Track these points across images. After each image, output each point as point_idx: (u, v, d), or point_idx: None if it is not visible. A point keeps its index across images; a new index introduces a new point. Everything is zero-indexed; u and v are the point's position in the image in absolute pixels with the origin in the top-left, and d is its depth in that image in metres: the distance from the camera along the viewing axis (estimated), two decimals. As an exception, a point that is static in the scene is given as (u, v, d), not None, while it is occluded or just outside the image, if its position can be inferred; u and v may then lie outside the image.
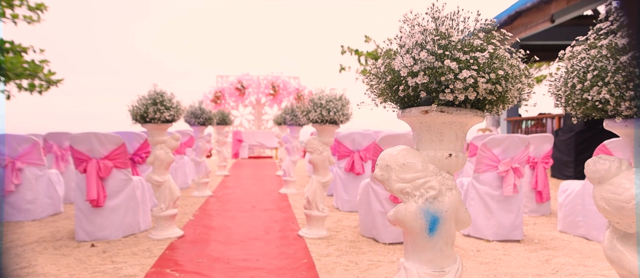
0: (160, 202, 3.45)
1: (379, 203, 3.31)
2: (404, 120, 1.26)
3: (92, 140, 3.36)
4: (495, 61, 1.06)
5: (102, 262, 2.82)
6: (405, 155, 1.18)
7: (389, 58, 1.18)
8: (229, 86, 12.33)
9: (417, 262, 1.18)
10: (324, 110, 3.33)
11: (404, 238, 1.25)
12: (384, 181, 1.20)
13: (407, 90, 1.13)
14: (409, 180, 1.16)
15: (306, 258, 2.90)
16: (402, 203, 1.20)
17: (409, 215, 1.16)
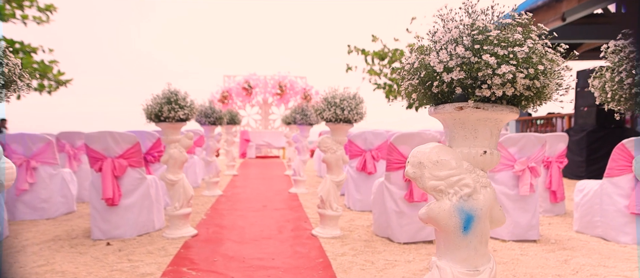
0: (174, 200, 3.45)
1: (393, 203, 3.29)
2: (436, 117, 1.24)
3: (107, 139, 3.37)
4: (533, 56, 1.04)
5: (119, 260, 2.83)
6: (439, 152, 1.16)
7: (423, 54, 1.16)
8: (236, 86, 12.36)
9: (451, 261, 1.17)
10: (338, 109, 3.32)
11: (436, 236, 1.24)
12: (416, 178, 1.19)
13: (441, 86, 1.12)
14: (443, 178, 1.14)
15: (322, 258, 2.89)
16: (435, 201, 1.18)
17: (443, 213, 1.14)
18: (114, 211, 3.38)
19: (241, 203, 4.95)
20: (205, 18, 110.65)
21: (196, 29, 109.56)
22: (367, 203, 4.51)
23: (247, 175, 7.81)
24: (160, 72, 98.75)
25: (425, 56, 1.15)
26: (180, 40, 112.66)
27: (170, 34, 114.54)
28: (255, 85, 12.38)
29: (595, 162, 6.76)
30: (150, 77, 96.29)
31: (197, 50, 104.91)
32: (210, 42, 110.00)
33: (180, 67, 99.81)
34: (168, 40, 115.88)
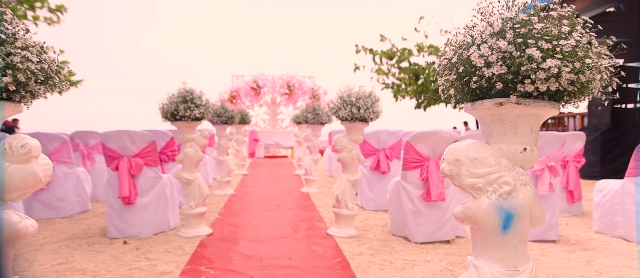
0: (190, 199, 3.45)
1: (410, 202, 3.26)
2: (472, 114, 1.21)
3: (124, 138, 3.38)
4: (579, 49, 1.01)
5: (137, 259, 2.83)
6: (477, 149, 1.14)
7: (461, 48, 1.14)
8: (245, 86, 12.38)
9: (489, 261, 1.14)
10: (354, 107, 3.29)
11: (473, 235, 1.21)
12: (452, 176, 1.16)
13: (479, 82, 1.09)
14: (482, 175, 1.12)
15: (339, 257, 2.87)
16: (473, 199, 1.16)
17: (481, 212, 1.12)
18: (130, 210, 3.39)
19: (253, 203, 4.94)
20: (212, 18, 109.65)
21: (202, 30, 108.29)
22: (381, 203, 4.49)
23: (257, 175, 7.82)
24: (164, 72, 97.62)
25: (464, 51, 1.12)
26: (186, 41, 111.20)
27: (176, 34, 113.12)
28: (263, 85, 12.39)
29: (610, 162, 6.67)
30: (154, 78, 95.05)
31: (203, 51, 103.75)
32: (217, 42, 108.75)
33: (186, 68, 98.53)
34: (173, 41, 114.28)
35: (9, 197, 1.06)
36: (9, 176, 1.02)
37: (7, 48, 0.99)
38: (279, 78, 12.53)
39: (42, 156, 1.10)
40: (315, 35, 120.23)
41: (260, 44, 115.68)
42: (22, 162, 1.04)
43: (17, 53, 1.00)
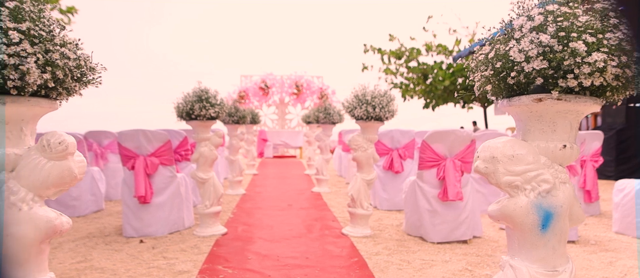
0: (205, 199, 3.46)
1: (426, 202, 3.23)
2: (508, 110, 1.19)
3: (140, 137, 3.40)
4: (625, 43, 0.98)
5: (154, 257, 2.84)
6: (514, 147, 1.12)
7: (499, 43, 1.11)
8: (253, 86, 12.41)
9: (526, 260, 1.12)
10: (369, 106, 3.27)
11: (508, 234, 1.19)
12: (488, 174, 1.14)
13: (518, 77, 1.07)
14: (519, 173, 1.09)
15: (356, 257, 2.85)
16: (509, 197, 1.14)
17: (519, 210, 1.09)
18: (146, 209, 3.40)
19: (266, 202, 4.94)
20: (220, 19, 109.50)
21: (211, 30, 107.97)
22: (394, 203, 4.46)
23: (267, 175, 7.82)
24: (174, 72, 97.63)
25: (502, 46, 1.10)
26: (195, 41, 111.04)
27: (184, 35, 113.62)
28: (272, 85, 12.41)
29: (625, 162, 6.57)
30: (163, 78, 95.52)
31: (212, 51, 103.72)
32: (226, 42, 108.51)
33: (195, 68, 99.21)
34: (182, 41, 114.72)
35: (46, 194, 1.06)
36: (47, 173, 1.02)
37: (46, 45, 0.99)
38: (288, 78, 12.54)
39: (77, 153, 1.10)
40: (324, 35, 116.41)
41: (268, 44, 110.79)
42: (59, 158, 1.04)
43: (55, 50, 1.00)
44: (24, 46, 0.93)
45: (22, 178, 1.02)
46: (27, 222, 1.01)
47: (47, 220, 1.04)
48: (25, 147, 1.06)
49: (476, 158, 1.19)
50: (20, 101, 1.01)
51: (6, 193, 1.01)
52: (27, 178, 1.02)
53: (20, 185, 1.01)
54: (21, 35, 0.94)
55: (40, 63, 0.97)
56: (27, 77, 0.95)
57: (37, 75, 0.97)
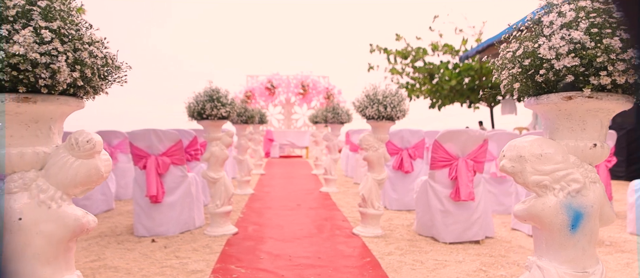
0: (216, 198, 3.46)
1: (438, 202, 3.21)
2: (535, 109, 1.17)
3: (151, 136, 3.41)
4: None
5: (167, 257, 2.85)
6: (542, 145, 1.10)
7: (528, 40, 1.10)
8: (259, 86, 12.43)
9: (555, 261, 1.10)
10: (381, 106, 3.26)
11: (535, 234, 1.17)
12: (514, 173, 1.13)
13: (547, 75, 1.05)
14: (548, 172, 1.08)
15: (368, 257, 2.84)
16: (536, 197, 1.12)
17: (548, 210, 1.08)
18: (157, 208, 3.41)
19: (274, 202, 4.94)
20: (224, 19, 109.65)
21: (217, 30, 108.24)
22: (404, 203, 4.44)
23: (274, 175, 7.82)
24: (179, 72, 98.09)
25: (530, 43, 1.08)
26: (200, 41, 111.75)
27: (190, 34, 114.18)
28: (278, 85, 12.42)
29: (636, 162, 6.49)
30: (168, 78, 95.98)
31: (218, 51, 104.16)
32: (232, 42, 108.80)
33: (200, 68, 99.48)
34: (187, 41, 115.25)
35: (74, 192, 1.06)
36: (75, 171, 1.02)
37: (75, 43, 0.99)
38: (294, 78, 12.55)
39: (103, 152, 1.10)
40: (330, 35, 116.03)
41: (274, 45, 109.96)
42: (87, 157, 1.04)
43: (84, 48, 1.00)
44: (55, 45, 0.94)
45: (51, 176, 1.02)
46: (56, 220, 1.01)
47: (75, 218, 1.04)
48: (53, 146, 1.06)
49: (502, 157, 1.17)
50: (50, 100, 1.01)
51: (36, 191, 1.01)
52: (55, 176, 1.02)
53: (49, 184, 1.02)
54: (52, 34, 0.94)
55: (69, 61, 0.97)
56: (58, 76, 0.95)
57: (67, 73, 0.97)
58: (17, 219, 0.98)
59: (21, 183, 1.00)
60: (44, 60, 0.92)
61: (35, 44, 0.91)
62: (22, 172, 1.02)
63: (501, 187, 4.21)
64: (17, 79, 0.93)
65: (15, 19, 0.92)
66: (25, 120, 1.01)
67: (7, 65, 0.90)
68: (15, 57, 0.89)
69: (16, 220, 0.98)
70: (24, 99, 0.96)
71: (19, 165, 1.01)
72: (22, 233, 0.98)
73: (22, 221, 0.98)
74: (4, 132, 0.98)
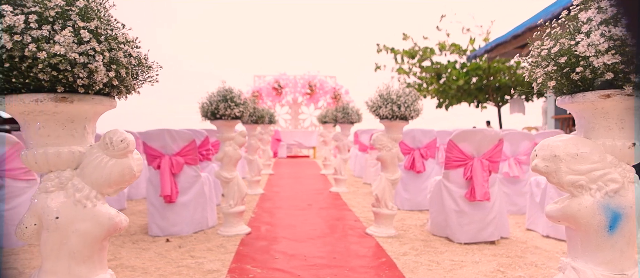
0: (229, 198, 3.46)
1: (452, 202, 3.19)
2: (568, 107, 1.16)
3: (165, 136, 3.42)
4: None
5: (182, 256, 2.85)
6: (578, 144, 1.08)
7: (564, 37, 1.08)
8: (266, 86, 12.44)
9: (591, 263, 1.08)
10: (395, 105, 3.24)
11: (569, 235, 1.16)
12: (548, 173, 1.11)
13: (583, 72, 1.04)
14: (584, 172, 1.06)
15: (384, 257, 2.83)
16: (571, 197, 1.10)
17: (584, 211, 1.06)
18: (171, 208, 3.42)
19: (285, 202, 4.94)
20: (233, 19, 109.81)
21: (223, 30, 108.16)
22: (416, 203, 4.42)
23: (283, 175, 7.83)
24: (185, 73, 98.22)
25: (567, 40, 1.07)
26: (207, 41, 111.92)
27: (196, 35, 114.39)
28: (285, 85, 12.43)
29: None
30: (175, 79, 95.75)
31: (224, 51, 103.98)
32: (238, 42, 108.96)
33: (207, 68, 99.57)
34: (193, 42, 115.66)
35: (107, 192, 1.06)
36: (109, 170, 1.02)
37: (110, 43, 0.99)
38: (301, 78, 12.55)
39: (135, 151, 1.10)
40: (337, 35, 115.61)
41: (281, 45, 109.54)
42: (121, 156, 1.04)
43: (119, 48, 1.00)
44: (92, 45, 0.94)
45: (86, 175, 1.02)
46: (91, 219, 1.01)
47: (110, 217, 1.04)
48: (87, 145, 1.07)
49: (534, 156, 1.16)
50: (85, 99, 1.01)
51: (71, 190, 1.01)
52: (90, 175, 1.02)
53: (84, 183, 1.02)
54: (90, 34, 0.94)
55: (105, 61, 0.98)
56: (95, 76, 0.96)
57: (103, 73, 0.97)
58: (54, 218, 0.98)
59: (57, 182, 1.01)
60: (82, 60, 0.93)
61: (74, 44, 0.92)
62: (59, 171, 1.02)
63: (514, 187, 4.18)
64: (56, 79, 0.94)
65: (55, 20, 0.93)
66: (61, 120, 1.01)
67: (48, 65, 0.91)
68: (56, 57, 0.89)
69: (53, 218, 0.98)
70: (62, 99, 0.97)
71: (56, 165, 1.02)
72: (59, 232, 0.99)
73: (59, 220, 0.99)
74: (42, 131, 0.99)
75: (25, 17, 0.88)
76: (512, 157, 4.10)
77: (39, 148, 1.00)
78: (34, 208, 1.01)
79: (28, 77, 0.91)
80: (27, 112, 0.98)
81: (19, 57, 0.88)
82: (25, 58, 0.89)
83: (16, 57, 0.88)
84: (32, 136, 1.02)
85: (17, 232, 1.01)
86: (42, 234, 0.99)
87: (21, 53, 0.88)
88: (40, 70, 0.90)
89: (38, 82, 0.93)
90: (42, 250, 1.00)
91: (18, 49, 0.87)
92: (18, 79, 0.91)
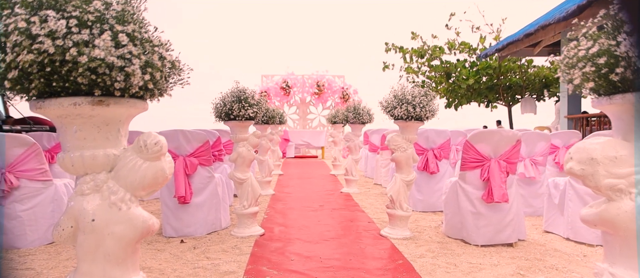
0: (243, 199, 3.46)
1: (469, 203, 3.15)
2: (606, 109, 1.13)
3: (179, 137, 3.43)
4: None
5: (197, 257, 2.86)
6: (616, 147, 1.06)
7: (605, 38, 1.06)
8: (275, 86, 12.46)
9: (630, 269, 1.06)
10: (410, 106, 3.22)
11: (606, 240, 1.13)
12: (585, 176, 1.09)
13: (624, 73, 1.01)
14: (623, 176, 1.04)
15: (401, 259, 2.81)
16: (609, 201, 1.08)
17: (624, 215, 1.03)
18: (185, 209, 3.43)
19: (297, 203, 4.93)
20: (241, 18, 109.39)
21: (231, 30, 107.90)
22: (430, 204, 4.39)
23: (292, 175, 7.83)
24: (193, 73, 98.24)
25: (606, 40, 1.04)
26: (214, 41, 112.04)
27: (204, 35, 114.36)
28: (293, 84, 12.43)
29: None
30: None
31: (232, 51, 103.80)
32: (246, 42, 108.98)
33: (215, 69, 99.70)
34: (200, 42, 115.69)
35: (140, 194, 1.06)
36: (143, 173, 1.02)
37: (145, 46, 0.99)
38: (309, 77, 12.54)
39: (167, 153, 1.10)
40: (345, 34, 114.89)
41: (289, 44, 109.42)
42: (154, 159, 1.04)
43: (154, 51, 1.00)
44: (129, 48, 0.94)
45: (121, 178, 1.02)
46: (126, 222, 1.01)
47: (143, 220, 1.04)
48: (121, 148, 1.07)
49: (568, 159, 1.13)
50: (121, 102, 1.01)
51: (107, 192, 1.01)
52: (125, 178, 1.02)
53: (118, 185, 1.02)
54: (127, 37, 0.94)
55: (141, 64, 0.97)
56: (132, 79, 0.95)
57: (139, 76, 0.97)
58: (90, 220, 0.98)
59: (93, 185, 1.01)
60: (120, 63, 0.92)
61: (112, 48, 0.91)
62: (94, 174, 1.02)
63: (530, 188, 4.13)
64: (94, 82, 0.94)
65: (93, 24, 0.93)
66: (97, 123, 1.01)
67: (87, 69, 0.90)
68: (96, 61, 0.89)
69: (89, 221, 0.98)
70: (98, 102, 0.97)
71: (92, 167, 1.02)
72: (95, 234, 0.99)
73: (95, 222, 0.99)
74: (78, 135, 0.99)
75: (66, 22, 0.88)
76: (528, 158, 4.04)
77: (75, 151, 1.00)
78: (71, 210, 1.01)
79: (68, 81, 0.91)
80: (64, 115, 0.98)
81: (60, 61, 0.88)
82: (65, 62, 0.89)
83: (57, 61, 0.88)
84: (68, 139, 1.02)
85: (54, 234, 1.01)
86: (79, 236, 0.99)
87: (62, 57, 0.88)
88: (80, 74, 0.90)
89: (77, 86, 0.93)
90: (78, 252, 0.99)
91: (59, 53, 0.87)
92: (58, 83, 0.91)
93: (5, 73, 0.86)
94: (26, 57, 0.84)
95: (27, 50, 0.84)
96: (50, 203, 3.23)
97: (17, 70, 0.86)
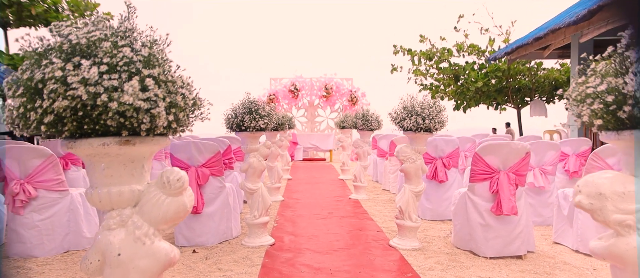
0: (253, 209, 3.51)
1: (478, 215, 3.16)
2: (615, 143, 1.15)
3: (191, 148, 3.49)
4: None
5: (209, 268, 2.91)
6: (625, 183, 1.08)
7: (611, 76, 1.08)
8: (283, 88, 12.52)
9: (639, 300, 1.08)
10: (419, 117, 3.24)
11: (615, 274, 1.15)
12: (593, 211, 1.11)
13: (632, 111, 1.03)
14: (632, 212, 1.05)
15: (410, 272, 2.83)
16: (618, 236, 1.10)
17: (632, 251, 1.05)
18: (197, 219, 3.48)
19: (305, 210, 4.97)
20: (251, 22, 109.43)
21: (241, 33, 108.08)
22: (438, 213, 4.39)
23: (301, 180, 7.86)
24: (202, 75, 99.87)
25: (613, 79, 1.06)
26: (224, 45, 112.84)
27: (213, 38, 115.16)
28: (301, 87, 12.48)
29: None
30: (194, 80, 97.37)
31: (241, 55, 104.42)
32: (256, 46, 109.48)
33: (224, 72, 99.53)
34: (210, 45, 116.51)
35: (163, 228, 1.11)
36: (166, 208, 1.07)
37: (169, 87, 1.04)
38: (317, 80, 12.58)
39: (188, 187, 1.14)
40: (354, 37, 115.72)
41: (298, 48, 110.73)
42: (176, 195, 1.08)
43: (177, 92, 1.05)
44: (155, 91, 0.98)
45: (145, 213, 1.07)
46: (149, 256, 1.06)
47: (166, 253, 1.09)
48: (145, 183, 1.12)
49: (577, 192, 1.15)
50: (146, 141, 1.07)
51: (132, 227, 1.06)
52: (149, 213, 1.07)
53: (142, 220, 1.07)
54: (153, 80, 0.99)
55: (166, 106, 1.02)
56: (157, 120, 1.00)
57: (164, 117, 1.02)
58: (116, 255, 1.03)
59: (119, 220, 1.06)
60: (146, 106, 0.97)
61: (139, 92, 0.96)
62: (120, 209, 1.08)
63: (539, 197, 4.11)
64: (122, 125, 0.99)
65: (121, 68, 0.98)
66: (123, 161, 1.07)
67: (116, 112, 0.96)
68: (125, 106, 0.94)
69: (115, 255, 1.03)
70: (125, 142, 1.02)
71: (118, 203, 1.07)
72: (121, 268, 1.04)
73: (121, 256, 1.04)
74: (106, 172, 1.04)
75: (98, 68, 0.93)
76: (537, 167, 4.03)
77: (103, 187, 1.05)
78: (98, 244, 1.06)
79: (98, 124, 0.96)
80: (93, 154, 1.03)
81: (91, 106, 0.94)
82: (96, 106, 0.94)
83: (88, 105, 0.93)
84: (97, 176, 1.07)
85: (82, 266, 1.06)
86: (105, 270, 1.04)
87: (93, 102, 0.93)
88: (110, 117, 0.95)
89: (106, 128, 0.98)
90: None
91: (91, 98, 0.92)
92: (89, 125, 0.96)
93: (42, 118, 0.92)
94: (61, 103, 0.89)
95: (62, 97, 0.90)
96: (67, 212, 3.32)
97: (52, 115, 0.92)
